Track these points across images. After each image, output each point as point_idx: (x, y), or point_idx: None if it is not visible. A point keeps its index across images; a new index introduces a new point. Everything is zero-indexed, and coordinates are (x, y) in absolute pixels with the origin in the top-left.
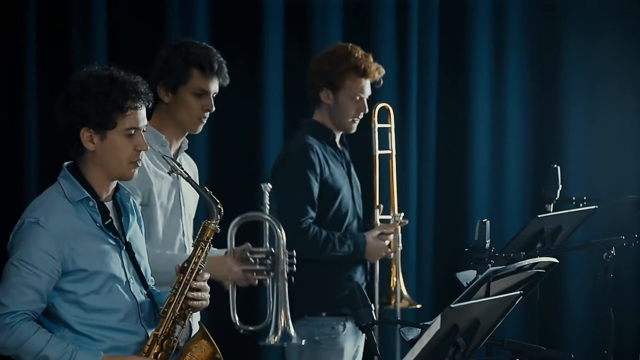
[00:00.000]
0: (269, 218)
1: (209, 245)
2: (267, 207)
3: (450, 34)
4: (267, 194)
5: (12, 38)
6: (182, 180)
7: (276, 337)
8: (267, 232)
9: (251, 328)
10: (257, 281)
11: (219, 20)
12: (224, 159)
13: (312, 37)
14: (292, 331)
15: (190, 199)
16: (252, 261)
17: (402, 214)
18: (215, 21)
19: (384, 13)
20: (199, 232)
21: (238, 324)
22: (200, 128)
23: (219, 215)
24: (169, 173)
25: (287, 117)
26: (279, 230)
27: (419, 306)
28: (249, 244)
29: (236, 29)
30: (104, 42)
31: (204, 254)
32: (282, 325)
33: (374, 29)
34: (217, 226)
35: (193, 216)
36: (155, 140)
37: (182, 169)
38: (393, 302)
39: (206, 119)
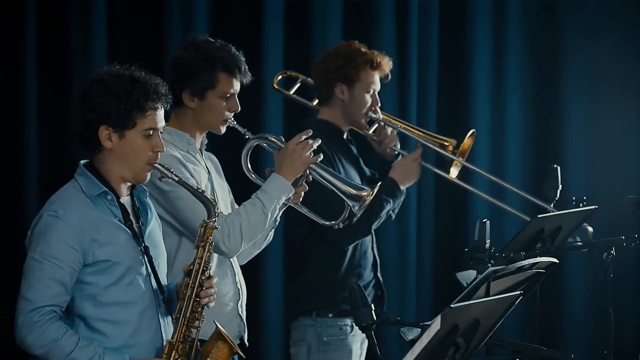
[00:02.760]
0: (274, 138)
1: (211, 245)
2: None
3: (450, 34)
4: None
5: (12, 38)
6: (213, 177)
7: (358, 204)
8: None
9: (341, 225)
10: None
11: (219, 20)
12: (224, 158)
13: (312, 37)
14: (359, 187)
15: (219, 193)
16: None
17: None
18: (215, 21)
19: (384, 13)
20: (199, 234)
21: (329, 222)
22: (224, 129)
23: (215, 214)
24: (161, 179)
25: (287, 117)
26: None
27: None
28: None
29: (236, 29)
30: (104, 42)
31: (206, 254)
32: (350, 191)
33: (374, 29)
34: (216, 224)
35: (228, 210)
36: (180, 140)
37: (172, 172)
38: None
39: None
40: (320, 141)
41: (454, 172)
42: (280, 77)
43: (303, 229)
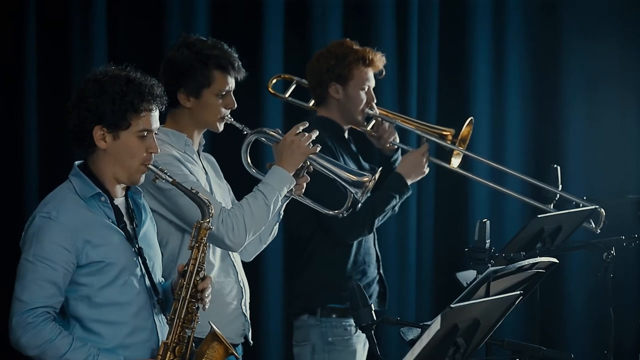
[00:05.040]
0: (275, 133)
1: (205, 245)
2: None
3: (450, 34)
4: None
5: (12, 38)
6: (211, 178)
7: (361, 191)
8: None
9: (345, 213)
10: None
11: (219, 20)
12: (224, 158)
13: (312, 37)
14: (359, 174)
15: (218, 193)
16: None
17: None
18: (215, 21)
19: (384, 13)
20: (193, 234)
21: (333, 212)
22: (222, 127)
23: (210, 215)
24: (155, 180)
25: (286, 117)
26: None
27: None
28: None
29: (236, 28)
30: (104, 42)
31: (200, 254)
32: (351, 178)
33: (374, 29)
34: (210, 224)
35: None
36: (178, 141)
37: (166, 173)
38: None
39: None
40: (317, 132)
41: (455, 162)
42: (275, 81)
43: (310, 227)
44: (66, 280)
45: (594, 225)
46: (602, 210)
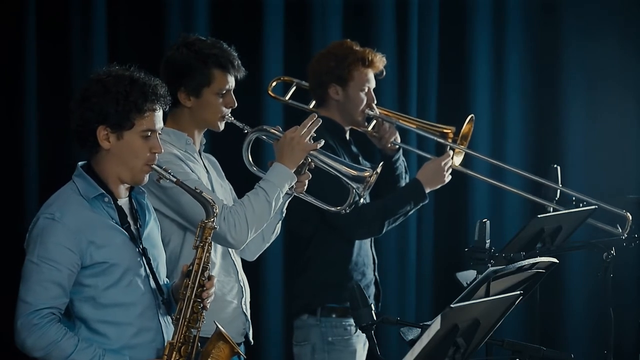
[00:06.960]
0: (275, 131)
1: (210, 245)
2: None
3: (450, 34)
4: None
5: (12, 38)
6: (213, 177)
7: (362, 186)
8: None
9: (348, 209)
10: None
11: (219, 20)
12: (224, 157)
13: (312, 37)
14: (361, 169)
15: (220, 193)
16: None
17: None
18: (215, 21)
19: (384, 13)
20: (198, 234)
21: (336, 208)
22: (223, 126)
23: (214, 214)
24: (158, 180)
25: (287, 116)
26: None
27: None
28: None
29: (236, 29)
30: (104, 42)
31: (205, 254)
32: (351, 172)
33: (374, 29)
34: (215, 224)
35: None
36: (179, 140)
37: (170, 173)
38: None
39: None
40: (320, 121)
41: (457, 161)
42: (274, 84)
43: (311, 226)
44: (71, 281)
45: (620, 230)
46: (629, 214)
